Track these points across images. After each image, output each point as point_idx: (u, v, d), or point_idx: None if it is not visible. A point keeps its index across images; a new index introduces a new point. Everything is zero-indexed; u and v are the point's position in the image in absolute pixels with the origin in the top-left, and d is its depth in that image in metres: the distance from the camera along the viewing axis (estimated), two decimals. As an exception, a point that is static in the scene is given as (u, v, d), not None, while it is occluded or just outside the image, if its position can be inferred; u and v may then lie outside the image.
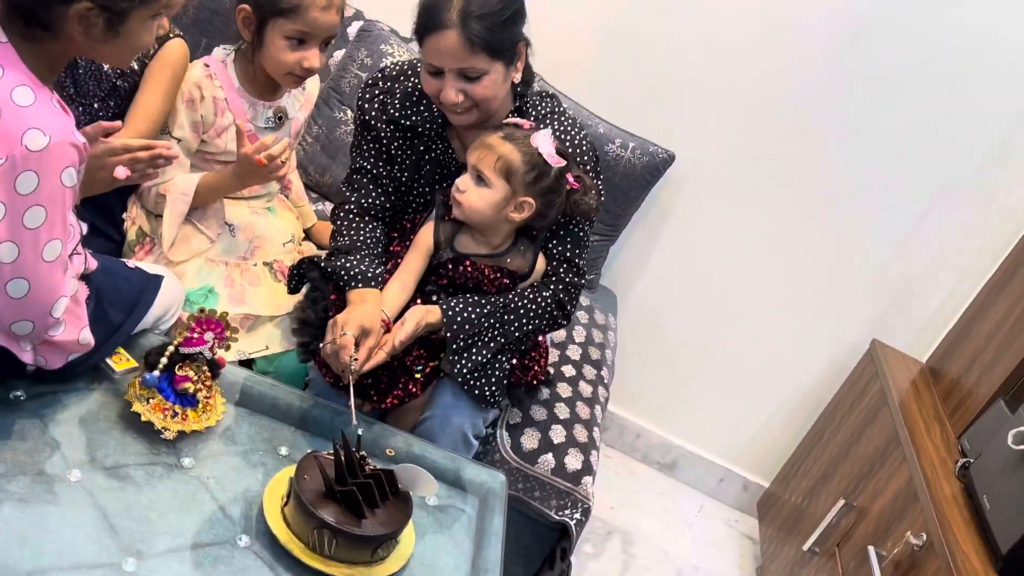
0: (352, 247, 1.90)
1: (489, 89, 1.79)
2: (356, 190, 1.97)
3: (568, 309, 1.97)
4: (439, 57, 1.76)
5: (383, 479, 1.53)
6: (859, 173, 2.75)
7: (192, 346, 1.59)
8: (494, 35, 1.74)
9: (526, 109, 1.94)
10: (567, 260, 1.96)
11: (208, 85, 1.96)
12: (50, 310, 1.36)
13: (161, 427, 1.56)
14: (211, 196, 1.96)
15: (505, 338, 1.89)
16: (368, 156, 1.96)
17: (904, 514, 2.16)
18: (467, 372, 1.86)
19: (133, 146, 1.66)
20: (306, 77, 1.97)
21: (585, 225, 1.97)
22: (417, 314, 1.83)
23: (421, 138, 1.96)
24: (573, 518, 2.07)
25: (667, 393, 3.14)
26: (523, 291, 1.92)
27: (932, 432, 2.38)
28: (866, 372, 2.76)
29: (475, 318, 1.86)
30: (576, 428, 2.18)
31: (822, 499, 2.63)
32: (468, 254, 1.90)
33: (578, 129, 1.95)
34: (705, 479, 3.23)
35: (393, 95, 1.94)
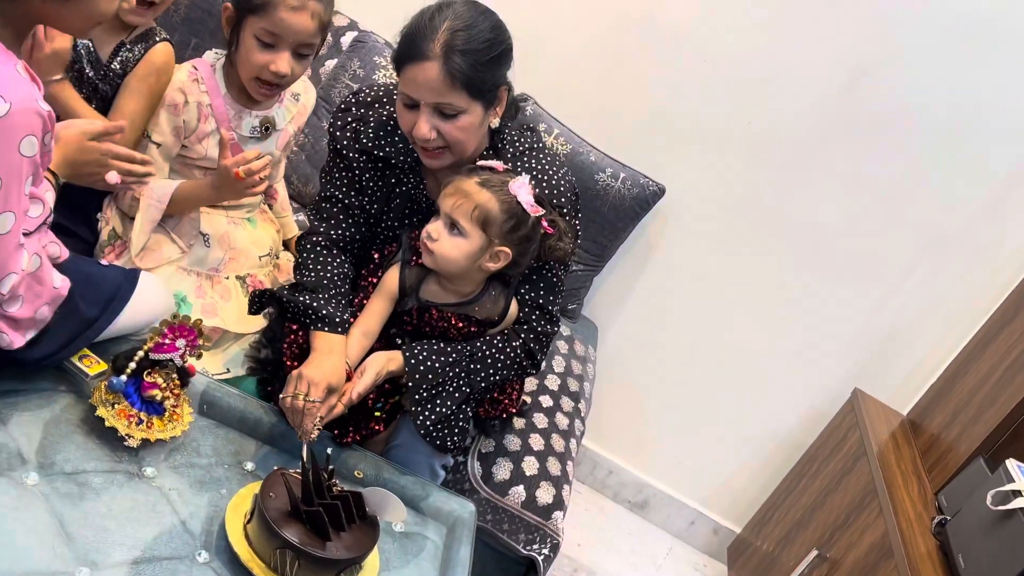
0: (319, 284, 1.83)
1: (464, 131, 1.75)
2: (325, 220, 1.92)
3: (538, 359, 1.92)
4: (416, 89, 1.71)
5: (351, 502, 1.52)
6: (849, 220, 2.79)
7: (163, 352, 1.58)
8: (476, 73, 1.70)
9: (502, 145, 1.88)
10: (539, 307, 1.91)
11: (193, 89, 1.95)
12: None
13: (125, 434, 1.54)
14: (186, 205, 1.94)
15: (470, 388, 1.85)
16: (340, 185, 1.92)
17: (877, 569, 2.17)
18: (430, 425, 1.80)
19: (136, 158, 1.67)
20: (276, 84, 1.93)
21: (560, 270, 1.92)
22: (377, 363, 1.78)
23: (393, 170, 1.91)
24: (541, 553, 2.07)
25: (642, 430, 3.15)
26: (491, 339, 1.88)
27: (910, 486, 2.40)
28: (846, 421, 2.79)
29: (439, 367, 1.80)
30: (550, 461, 2.18)
31: (795, 548, 2.64)
32: (434, 303, 1.85)
33: (556, 167, 1.89)
34: (676, 521, 3.24)
35: (367, 123, 1.90)
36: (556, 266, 1.91)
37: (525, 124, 1.97)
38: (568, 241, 1.85)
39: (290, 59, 1.90)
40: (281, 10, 1.85)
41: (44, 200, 1.44)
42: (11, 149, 1.28)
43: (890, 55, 2.62)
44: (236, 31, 1.91)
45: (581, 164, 2.69)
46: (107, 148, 1.63)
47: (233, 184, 1.87)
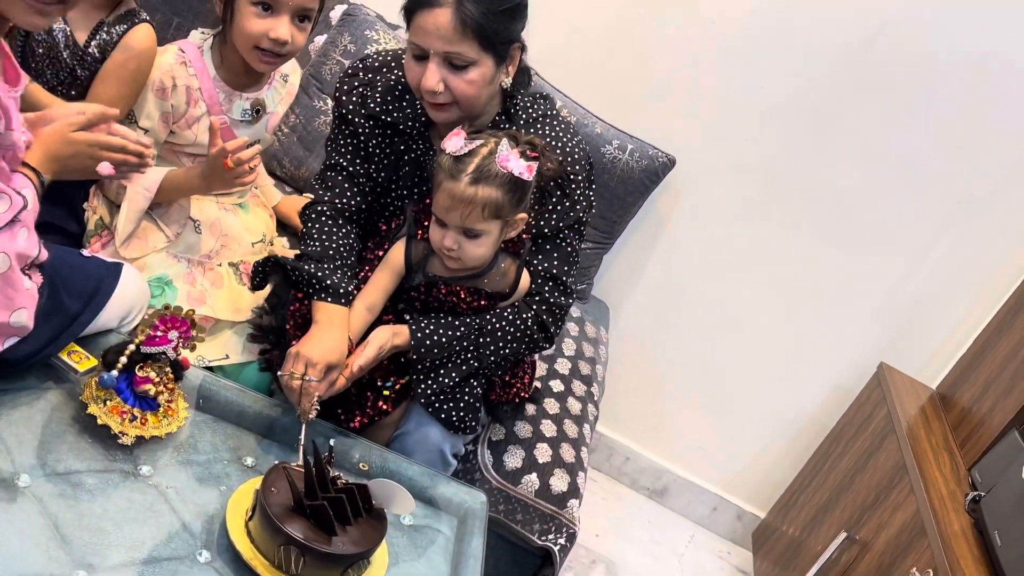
0: (324, 254, 1.85)
1: (473, 85, 1.76)
2: (330, 188, 1.93)
3: (551, 331, 1.93)
4: (426, 37, 1.73)
5: (356, 494, 1.52)
6: (871, 187, 2.77)
7: (155, 345, 1.58)
8: (489, 22, 1.71)
9: (515, 111, 1.91)
10: (553, 277, 1.92)
11: (181, 73, 1.95)
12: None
13: (118, 431, 1.54)
14: (174, 194, 1.94)
15: (479, 362, 1.86)
16: (344, 152, 1.93)
17: (910, 549, 2.17)
18: (431, 395, 1.82)
19: (129, 147, 1.65)
20: (277, 54, 1.92)
21: (573, 239, 1.93)
22: (382, 336, 1.80)
23: (402, 136, 1.93)
24: (557, 543, 2.07)
25: (659, 414, 3.15)
26: (502, 311, 1.89)
27: (941, 462, 2.40)
28: (872, 397, 2.78)
29: (446, 341, 1.82)
30: (563, 447, 2.18)
31: (822, 531, 2.64)
32: (442, 278, 1.86)
33: (570, 135, 1.91)
34: (697, 507, 3.24)
35: (374, 88, 1.92)
36: (569, 234, 1.92)
37: (539, 92, 1.98)
38: (553, 159, 1.83)
39: (290, 25, 1.90)
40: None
41: (9, 195, 1.41)
42: None
43: (909, 9, 2.61)
44: (230, 3, 1.90)
45: (587, 136, 2.68)
46: (94, 138, 1.61)
47: (222, 174, 1.86)
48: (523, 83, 1.92)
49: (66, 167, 1.59)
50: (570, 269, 1.94)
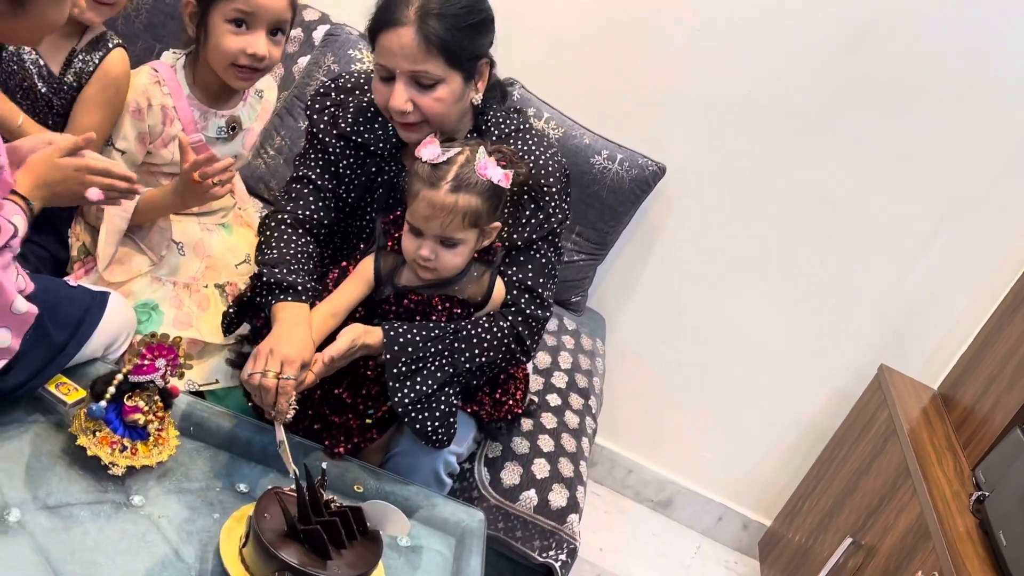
0: (280, 259, 1.82)
1: (442, 103, 1.76)
2: (293, 200, 1.92)
3: (527, 344, 1.90)
4: (391, 57, 1.73)
5: (350, 517, 1.53)
6: (863, 187, 2.79)
7: (143, 374, 1.59)
8: (453, 38, 1.72)
9: (487, 127, 1.90)
10: (528, 289, 1.90)
11: (156, 93, 1.96)
12: None
13: (109, 462, 1.55)
14: (152, 214, 1.94)
15: (454, 368, 1.82)
16: (314, 167, 1.93)
17: (915, 552, 2.17)
18: (408, 403, 1.78)
19: (115, 172, 1.66)
20: (254, 69, 1.93)
21: (548, 251, 1.92)
22: (354, 331, 1.76)
23: (373, 158, 1.93)
24: (558, 559, 2.07)
25: (660, 424, 3.15)
26: (478, 319, 1.86)
27: (944, 463, 2.40)
28: (874, 399, 2.79)
29: (419, 342, 1.79)
30: (561, 462, 2.18)
31: (828, 537, 2.64)
32: (413, 288, 1.85)
33: (544, 148, 1.91)
34: (702, 518, 3.24)
35: (346, 108, 1.92)
36: (543, 246, 1.91)
37: (512, 106, 1.98)
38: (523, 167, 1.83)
39: (266, 40, 1.91)
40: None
41: (9, 222, 1.44)
42: None
43: (895, 8, 2.62)
44: (202, 22, 1.92)
45: (575, 148, 2.70)
46: (82, 163, 1.61)
47: (195, 189, 1.87)
48: (496, 98, 1.92)
49: (55, 193, 1.59)
50: (546, 281, 1.92)
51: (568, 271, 2.78)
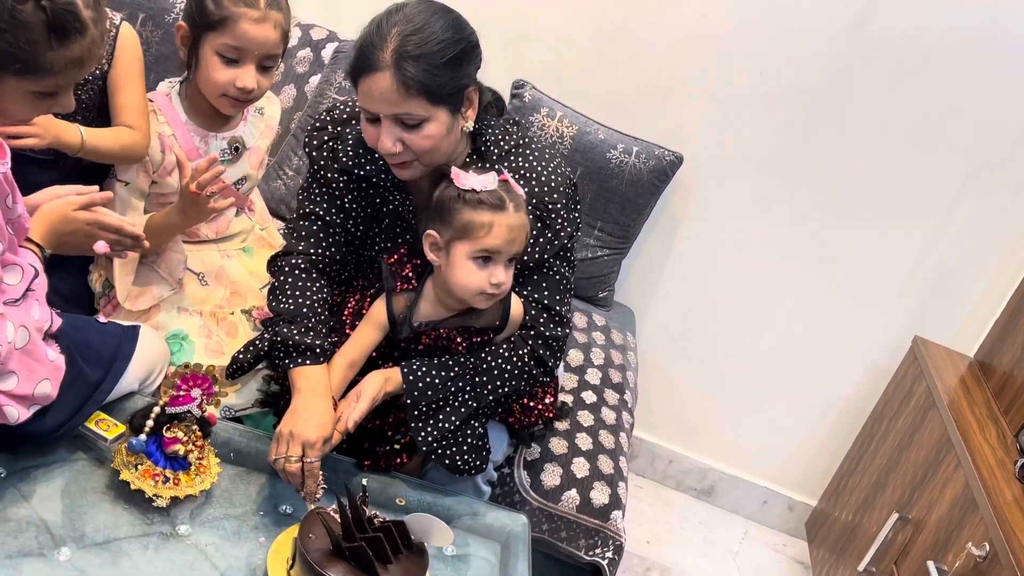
0: (297, 312, 1.81)
1: (430, 140, 1.72)
2: (304, 238, 1.90)
3: (549, 365, 1.88)
4: (372, 102, 1.70)
5: (394, 531, 1.53)
6: (882, 161, 2.76)
7: (179, 405, 1.60)
8: (433, 78, 1.67)
9: (487, 148, 1.86)
10: (545, 308, 1.87)
11: (153, 123, 1.97)
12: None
13: (153, 495, 1.56)
14: (160, 238, 1.94)
15: (477, 402, 1.81)
16: (320, 202, 1.91)
17: (963, 523, 2.14)
18: (432, 441, 1.77)
19: (126, 231, 1.68)
20: (244, 100, 1.94)
21: (562, 266, 1.89)
22: (373, 386, 1.76)
23: (377, 189, 1.90)
24: (605, 557, 2.07)
25: (697, 413, 3.14)
26: (497, 348, 1.83)
27: (987, 432, 2.37)
28: (910, 372, 2.76)
29: (439, 382, 1.77)
30: (600, 459, 2.18)
31: (875, 514, 2.62)
32: (431, 323, 1.82)
33: (546, 161, 1.87)
34: (747, 502, 3.22)
35: (344, 141, 1.89)
36: (556, 263, 1.87)
37: (510, 119, 1.95)
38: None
39: (255, 73, 1.92)
40: (243, 23, 1.86)
41: (23, 267, 1.45)
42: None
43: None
44: (194, 50, 1.92)
45: (590, 144, 2.69)
46: (93, 218, 1.64)
47: (195, 203, 1.86)
48: (492, 115, 1.89)
49: (64, 243, 1.62)
50: (562, 298, 1.89)
51: (593, 267, 2.77)
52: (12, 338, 1.39)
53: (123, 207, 1.96)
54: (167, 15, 2.58)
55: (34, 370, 1.46)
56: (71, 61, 1.38)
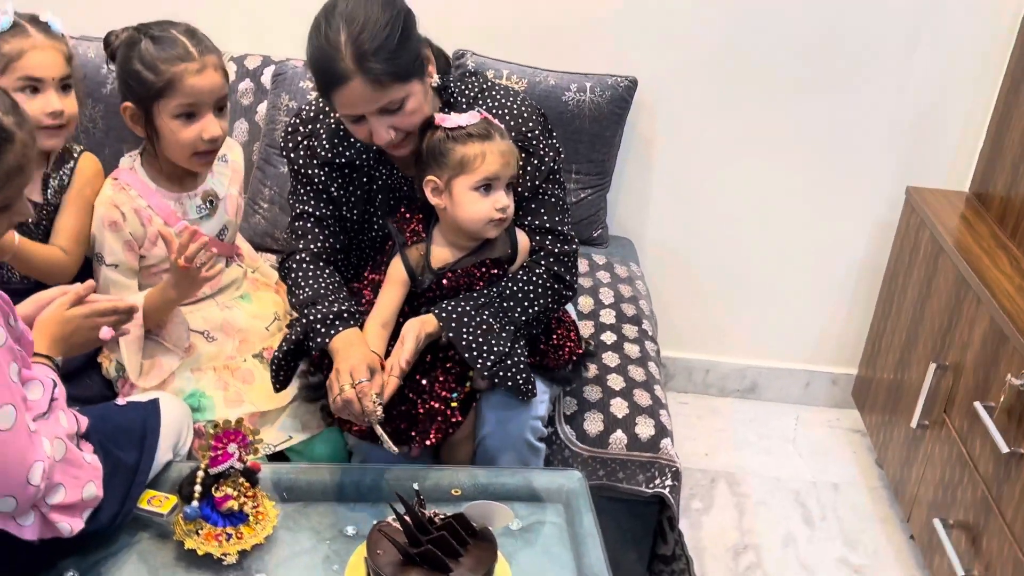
0: (316, 296, 1.87)
1: (417, 113, 1.80)
2: (302, 237, 1.96)
3: (568, 279, 1.96)
4: (354, 108, 1.77)
5: (456, 525, 1.55)
6: (832, 28, 2.73)
7: (220, 464, 1.62)
8: (396, 63, 1.73)
9: (455, 99, 1.93)
10: (549, 231, 1.95)
11: (124, 199, 1.98)
12: (26, 479, 1.37)
13: (220, 555, 1.59)
14: (160, 314, 1.96)
15: (514, 325, 1.88)
16: (308, 200, 1.96)
17: (998, 358, 2.16)
18: (492, 365, 1.82)
19: (120, 308, 1.71)
20: (214, 151, 1.96)
21: (555, 188, 1.96)
22: (413, 328, 1.82)
23: (362, 171, 1.96)
24: (665, 486, 2.09)
25: (719, 317, 3.15)
26: (514, 275, 1.92)
27: (999, 262, 2.37)
28: (911, 224, 2.75)
29: (471, 309, 1.84)
30: (636, 394, 2.19)
31: (913, 369, 2.63)
32: (448, 266, 1.90)
33: (513, 97, 1.95)
34: (791, 389, 3.24)
35: (319, 137, 1.95)
36: (548, 187, 1.95)
37: (466, 71, 2.00)
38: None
39: (216, 120, 1.93)
40: (188, 79, 1.87)
41: (42, 381, 1.48)
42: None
43: None
44: (149, 123, 1.93)
45: (544, 92, 2.67)
46: (89, 309, 1.66)
47: (186, 276, 1.88)
48: (444, 67, 1.94)
49: (72, 345, 1.65)
50: (562, 218, 1.97)
51: (580, 210, 2.77)
52: (50, 452, 1.42)
53: (117, 289, 1.97)
54: (103, 88, 2.58)
55: (77, 476, 1.49)
56: (10, 171, 1.40)
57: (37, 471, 1.38)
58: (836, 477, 2.92)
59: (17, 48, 1.89)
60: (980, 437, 2.19)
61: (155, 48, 1.87)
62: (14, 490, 1.37)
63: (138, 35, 1.90)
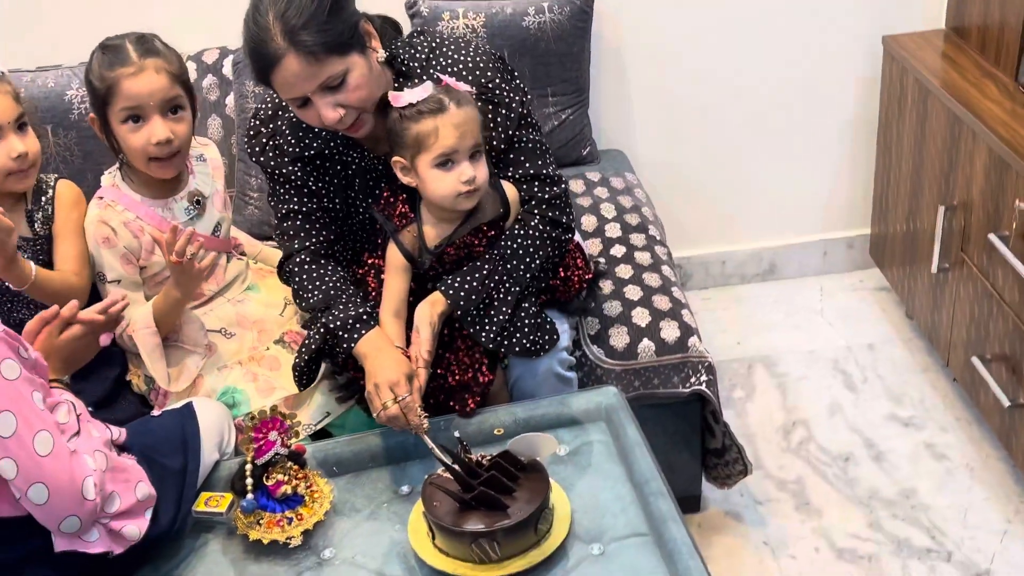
0: (327, 299, 1.87)
1: (361, 88, 1.75)
2: (294, 236, 1.95)
3: (564, 221, 1.94)
4: (293, 88, 1.73)
5: (503, 464, 1.58)
6: None
7: (265, 453, 1.65)
8: (328, 34, 1.69)
9: (407, 67, 1.88)
10: (535, 177, 1.93)
11: (112, 215, 1.99)
12: (81, 495, 1.42)
13: (286, 539, 1.62)
14: (171, 317, 1.97)
15: (519, 285, 1.87)
16: (290, 200, 1.95)
17: (1003, 186, 2.14)
18: (495, 336, 1.84)
19: (108, 309, 1.75)
20: (169, 155, 1.95)
21: (530, 133, 1.93)
22: (424, 315, 1.82)
23: (333, 159, 1.93)
24: (701, 382, 2.11)
25: (724, 207, 3.14)
26: (512, 232, 1.89)
27: (987, 91, 2.35)
28: (894, 71, 2.72)
29: (477, 283, 1.83)
30: (655, 300, 2.20)
31: (924, 215, 2.62)
32: (444, 241, 1.86)
33: (466, 49, 1.90)
34: (809, 261, 3.23)
35: (282, 135, 1.92)
36: (523, 132, 1.92)
37: (413, 32, 1.97)
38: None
39: (163, 122, 1.92)
40: (124, 82, 1.89)
41: (63, 401, 1.52)
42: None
43: None
44: (109, 131, 1.96)
45: (503, 22, 2.64)
46: (78, 331, 1.70)
47: (185, 272, 1.90)
48: (392, 37, 1.91)
49: (75, 362, 1.72)
50: (544, 161, 1.94)
51: (564, 131, 2.75)
52: (95, 465, 1.46)
53: None
54: (69, 115, 2.56)
55: (127, 480, 1.54)
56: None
57: (89, 486, 1.43)
58: (870, 338, 2.93)
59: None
60: (1001, 267, 2.19)
61: (102, 57, 1.91)
62: (73, 509, 1.42)
63: (97, 48, 1.94)
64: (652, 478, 1.67)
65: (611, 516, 1.63)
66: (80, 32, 2.20)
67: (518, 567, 1.52)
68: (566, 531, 1.59)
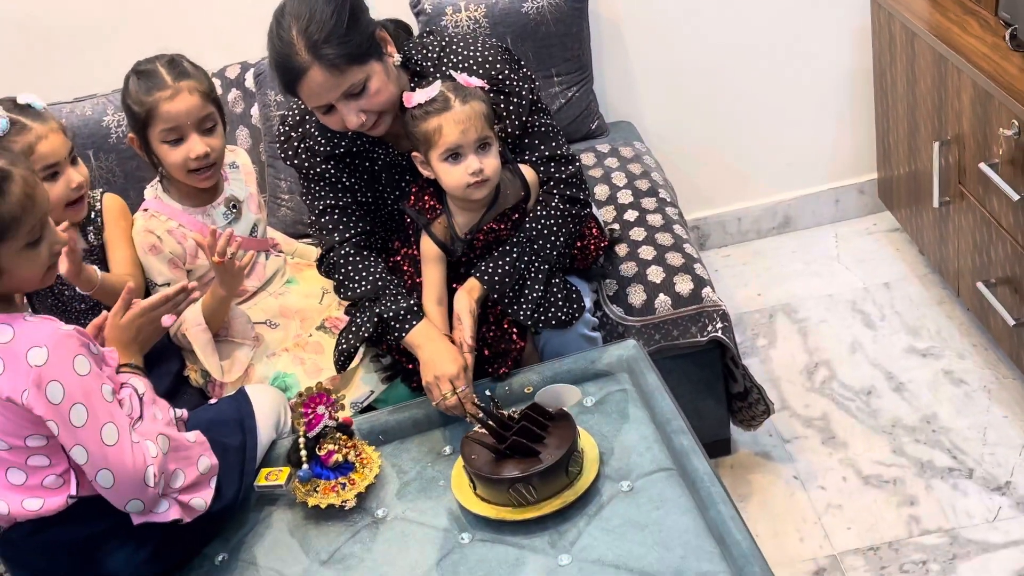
0: (376, 290, 1.97)
1: (382, 92, 1.87)
2: (333, 230, 2.05)
3: (582, 197, 2.03)
4: (319, 97, 1.85)
5: (532, 414, 1.70)
6: None
7: (315, 426, 1.79)
8: (349, 47, 1.81)
9: (420, 68, 1.98)
10: (551, 159, 2.02)
11: (157, 225, 2.15)
12: (143, 483, 1.57)
13: (341, 503, 1.76)
14: (219, 314, 2.12)
15: (548, 263, 1.97)
16: (325, 195, 2.06)
17: (989, 117, 2.23)
18: (531, 313, 1.94)
19: (170, 295, 1.88)
20: (207, 168, 2.11)
21: (542, 117, 2.03)
22: (463, 303, 1.92)
23: (361, 156, 2.05)
24: (718, 329, 2.21)
25: (734, 166, 3.22)
26: (534, 214, 1.98)
27: (969, 28, 2.42)
28: (882, 19, 2.80)
29: (509, 267, 1.93)
30: (668, 257, 2.31)
31: (921, 153, 2.70)
32: (474, 228, 1.97)
33: (473, 45, 2.00)
34: (822, 210, 3.32)
35: (312, 136, 2.03)
36: (535, 118, 2.02)
37: (423, 32, 2.07)
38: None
39: (199, 139, 2.08)
40: (162, 105, 2.04)
41: (128, 388, 1.68)
42: (72, 376, 1.53)
43: None
44: (149, 149, 2.11)
45: (503, 10, 2.75)
46: (139, 310, 1.83)
47: (227, 271, 2.03)
48: (404, 39, 2.02)
49: (141, 342, 1.85)
50: (557, 142, 2.04)
51: (571, 109, 2.86)
52: (155, 452, 1.61)
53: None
54: (107, 139, 2.72)
55: (188, 457, 1.69)
56: (22, 201, 1.52)
57: (150, 474, 1.58)
58: (886, 277, 3.01)
59: (25, 143, 1.99)
60: (995, 194, 2.27)
61: (138, 82, 2.07)
62: (136, 494, 1.58)
63: (131, 73, 2.10)
64: (673, 418, 1.79)
65: (637, 455, 1.75)
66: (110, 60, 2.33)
67: (554, 507, 1.65)
68: (595, 472, 1.71)
